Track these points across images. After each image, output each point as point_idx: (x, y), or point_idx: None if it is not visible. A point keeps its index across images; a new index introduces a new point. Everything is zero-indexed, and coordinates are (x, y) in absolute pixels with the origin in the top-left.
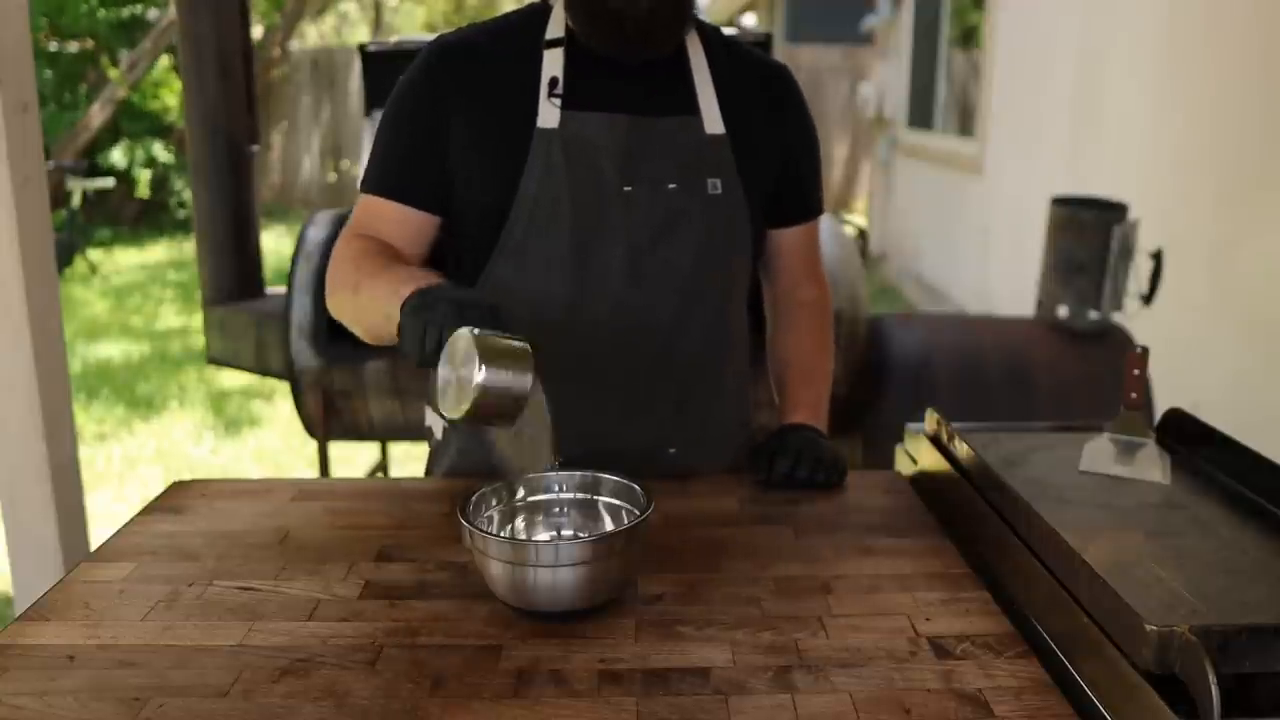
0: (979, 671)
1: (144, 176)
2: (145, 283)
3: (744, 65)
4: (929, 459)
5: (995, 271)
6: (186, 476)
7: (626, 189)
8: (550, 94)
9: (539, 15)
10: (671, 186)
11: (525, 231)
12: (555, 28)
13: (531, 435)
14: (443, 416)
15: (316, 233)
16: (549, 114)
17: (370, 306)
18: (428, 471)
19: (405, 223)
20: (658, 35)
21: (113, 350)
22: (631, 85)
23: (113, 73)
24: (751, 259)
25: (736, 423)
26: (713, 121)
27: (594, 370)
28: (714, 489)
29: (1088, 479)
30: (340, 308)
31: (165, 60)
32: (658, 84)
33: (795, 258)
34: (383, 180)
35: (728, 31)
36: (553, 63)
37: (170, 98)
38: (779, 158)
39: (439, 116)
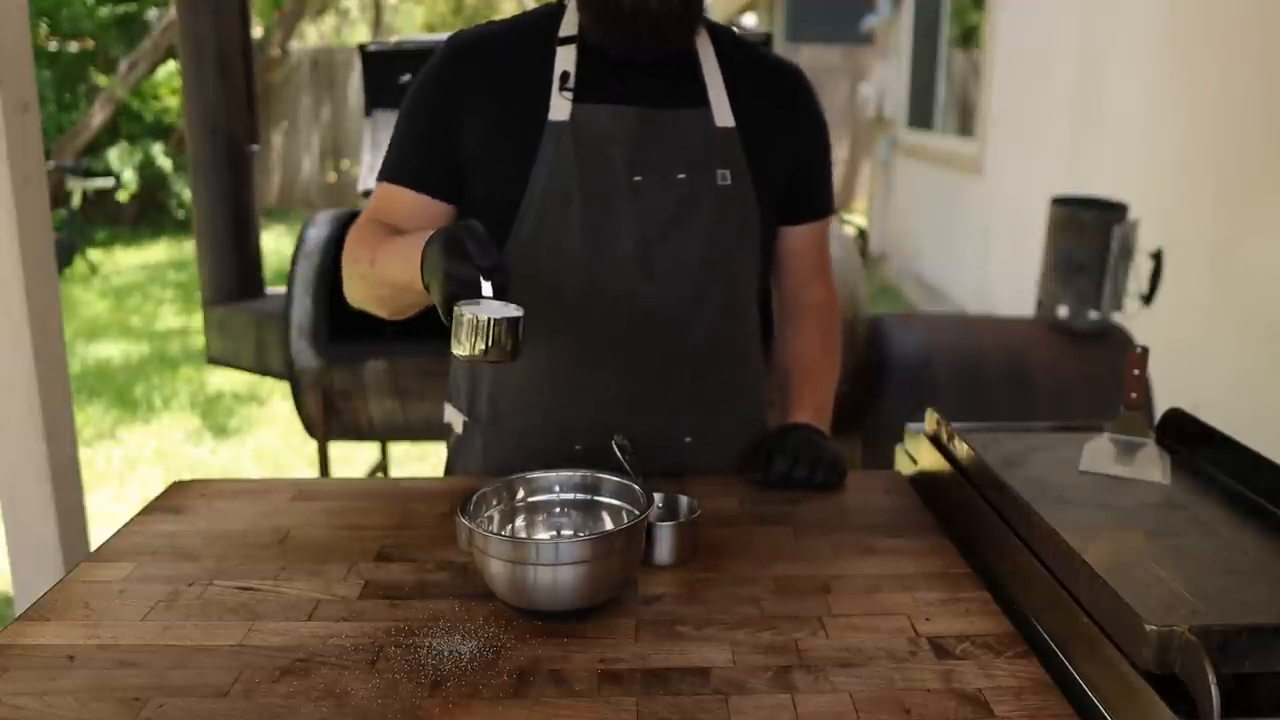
0: (979, 671)
1: (131, 180)
2: (145, 283)
3: (756, 64)
4: (929, 459)
5: (995, 271)
6: (186, 477)
7: (636, 179)
8: (562, 88)
9: (553, 14)
10: (681, 176)
11: (537, 223)
12: (568, 26)
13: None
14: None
15: (316, 233)
16: (560, 107)
17: (389, 269)
18: (448, 470)
19: (421, 210)
20: (668, 33)
21: (113, 350)
22: (642, 80)
23: (103, 79)
24: (761, 257)
25: (750, 418)
26: (722, 115)
27: (608, 359)
28: (714, 489)
29: (1088, 479)
30: (358, 285)
31: (167, 64)
32: (668, 78)
33: (804, 257)
34: (399, 168)
35: None
36: (565, 58)
37: (170, 99)
38: (789, 156)
39: (453, 111)
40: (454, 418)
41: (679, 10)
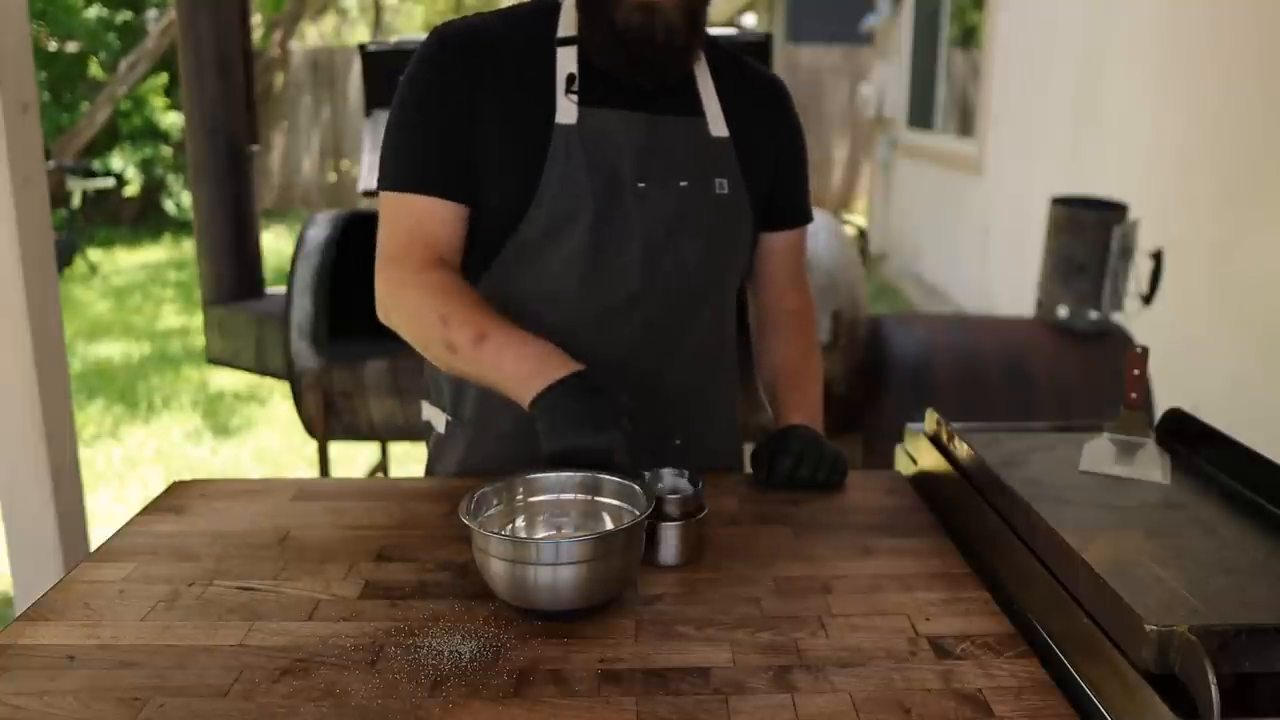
0: (979, 671)
1: (135, 178)
2: (145, 283)
3: (742, 73)
4: (929, 459)
5: (995, 271)
6: (186, 476)
7: (640, 185)
8: (568, 90)
9: (548, 13)
10: (683, 184)
11: (544, 226)
12: (567, 26)
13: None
14: None
15: (316, 233)
16: (567, 110)
17: (489, 372)
18: (429, 469)
19: (451, 219)
20: (671, 64)
21: (113, 350)
22: (641, 86)
23: (101, 74)
24: (748, 261)
25: (730, 419)
26: (717, 124)
27: (603, 363)
28: (714, 489)
29: (1088, 479)
30: (426, 343)
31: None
32: (665, 86)
33: (783, 265)
34: (420, 176)
35: (727, 31)
36: (567, 60)
37: (159, 105)
38: (773, 164)
39: (460, 104)
40: (434, 416)
41: (684, 42)
